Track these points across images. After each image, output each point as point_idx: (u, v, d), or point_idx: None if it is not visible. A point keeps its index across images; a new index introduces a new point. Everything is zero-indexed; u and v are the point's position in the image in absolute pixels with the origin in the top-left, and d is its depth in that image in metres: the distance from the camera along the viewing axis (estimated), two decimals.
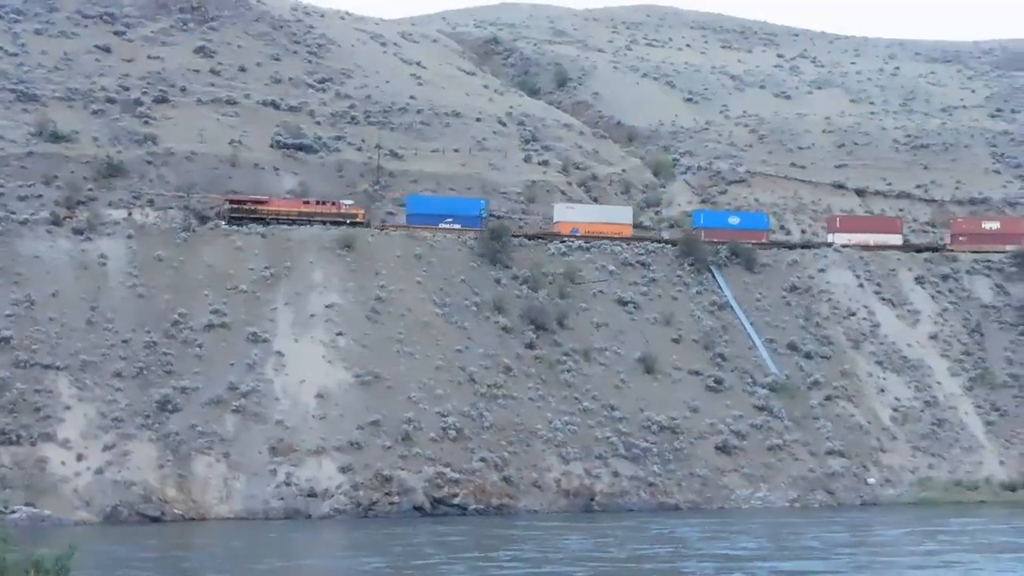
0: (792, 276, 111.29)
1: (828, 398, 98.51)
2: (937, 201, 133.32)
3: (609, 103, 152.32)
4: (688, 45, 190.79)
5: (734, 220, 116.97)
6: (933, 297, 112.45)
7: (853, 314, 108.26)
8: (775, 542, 67.84)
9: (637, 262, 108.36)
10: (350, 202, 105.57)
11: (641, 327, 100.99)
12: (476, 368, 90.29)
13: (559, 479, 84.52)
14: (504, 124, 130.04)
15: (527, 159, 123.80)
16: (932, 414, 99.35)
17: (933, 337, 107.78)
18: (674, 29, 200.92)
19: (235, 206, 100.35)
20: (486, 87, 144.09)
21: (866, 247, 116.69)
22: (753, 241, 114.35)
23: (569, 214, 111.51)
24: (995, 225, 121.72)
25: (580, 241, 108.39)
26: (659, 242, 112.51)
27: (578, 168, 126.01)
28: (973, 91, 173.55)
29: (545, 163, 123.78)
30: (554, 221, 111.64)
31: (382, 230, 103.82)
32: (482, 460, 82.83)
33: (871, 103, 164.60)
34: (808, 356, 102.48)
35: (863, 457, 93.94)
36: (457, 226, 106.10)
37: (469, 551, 61.06)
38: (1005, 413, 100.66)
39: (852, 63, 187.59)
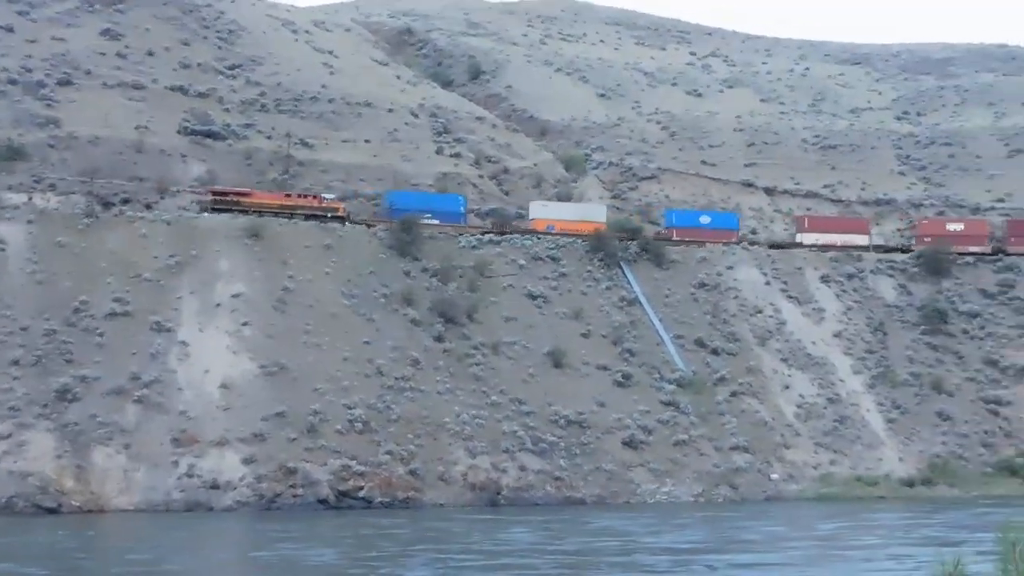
0: (701, 273, 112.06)
1: (734, 394, 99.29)
2: (843, 201, 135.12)
3: (522, 97, 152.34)
4: (602, 41, 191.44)
5: (705, 219, 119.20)
6: (838, 296, 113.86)
7: (760, 311, 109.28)
8: (716, 535, 68.25)
9: (547, 256, 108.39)
10: (331, 196, 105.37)
11: (550, 321, 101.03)
12: (384, 360, 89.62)
13: (466, 473, 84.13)
14: (416, 116, 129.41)
15: (439, 151, 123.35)
16: (835, 411, 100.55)
17: (837, 335, 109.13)
18: (588, 24, 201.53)
19: (218, 198, 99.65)
20: (399, 78, 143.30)
21: (834, 247, 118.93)
22: (724, 240, 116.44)
23: (545, 211, 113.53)
24: (959, 227, 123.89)
25: (491, 235, 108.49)
26: (573, 236, 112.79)
27: (490, 161, 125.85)
28: (880, 93, 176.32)
29: (457, 155, 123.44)
30: (530, 218, 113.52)
31: (369, 227, 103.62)
32: (388, 453, 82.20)
33: (781, 103, 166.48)
34: (715, 352, 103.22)
35: (767, 453, 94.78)
36: (436, 222, 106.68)
37: (415, 544, 60.50)
38: (905, 411, 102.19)
39: (763, 63, 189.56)
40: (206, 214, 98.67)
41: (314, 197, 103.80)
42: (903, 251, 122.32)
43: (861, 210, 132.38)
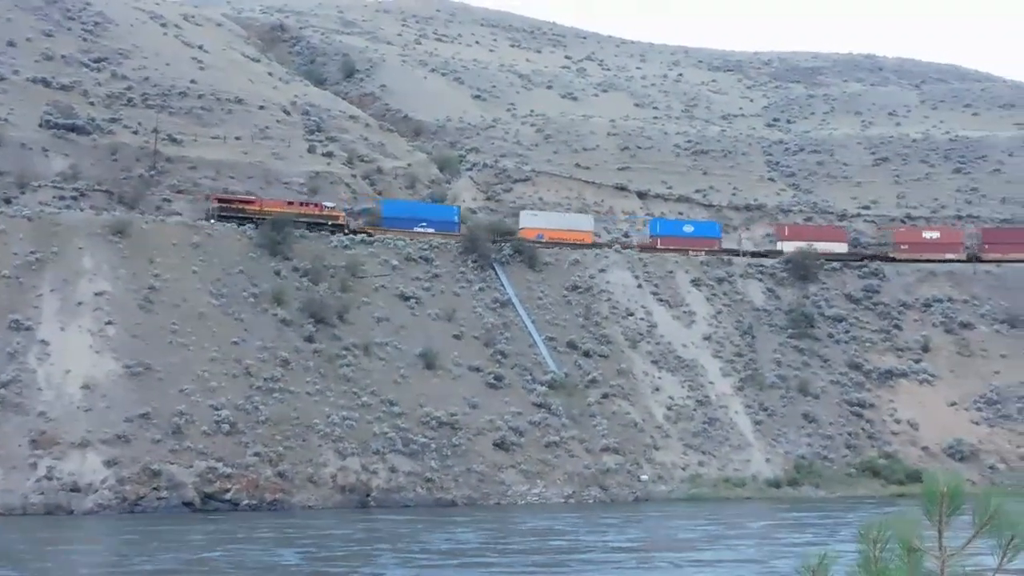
0: (573, 275, 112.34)
1: (605, 396, 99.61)
2: (715, 206, 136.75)
3: (396, 96, 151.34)
4: (477, 42, 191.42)
5: (688, 228, 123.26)
6: (708, 299, 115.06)
7: (631, 314, 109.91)
8: (650, 534, 68.46)
9: (420, 257, 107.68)
10: (331, 204, 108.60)
11: (422, 322, 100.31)
12: (252, 361, 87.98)
13: (335, 474, 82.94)
14: (288, 113, 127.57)
15: (311, 149, 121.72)
16: (704, 413, 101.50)
17: (707, 338, 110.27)
18: (464, 25, 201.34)
19: (223, 204, 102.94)
20: (271, 74, 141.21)
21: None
22: (706, 248, 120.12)
23: (534, 221, 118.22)
24: (935, 235, 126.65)
25: (363, 235, 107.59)
26: (447, 238, 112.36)
27: (363, 160, 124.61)
28: (752, 100, 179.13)
29: (330, 154, 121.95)
30: (520, 227, 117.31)
31: (357, 234, 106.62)
32: (256, 455, 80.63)
33: (655, 108, 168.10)
34: (587, 354, 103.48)
35: (637, 454, 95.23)
36: (431, 231, 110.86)
37: (365, 544, 59.51)
38: (772, 413, 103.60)
39: (638, 68, 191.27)
40: (212, 221, 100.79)
41: (315, 205, 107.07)
42: (878, 258, 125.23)
43: (732, 215, 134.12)
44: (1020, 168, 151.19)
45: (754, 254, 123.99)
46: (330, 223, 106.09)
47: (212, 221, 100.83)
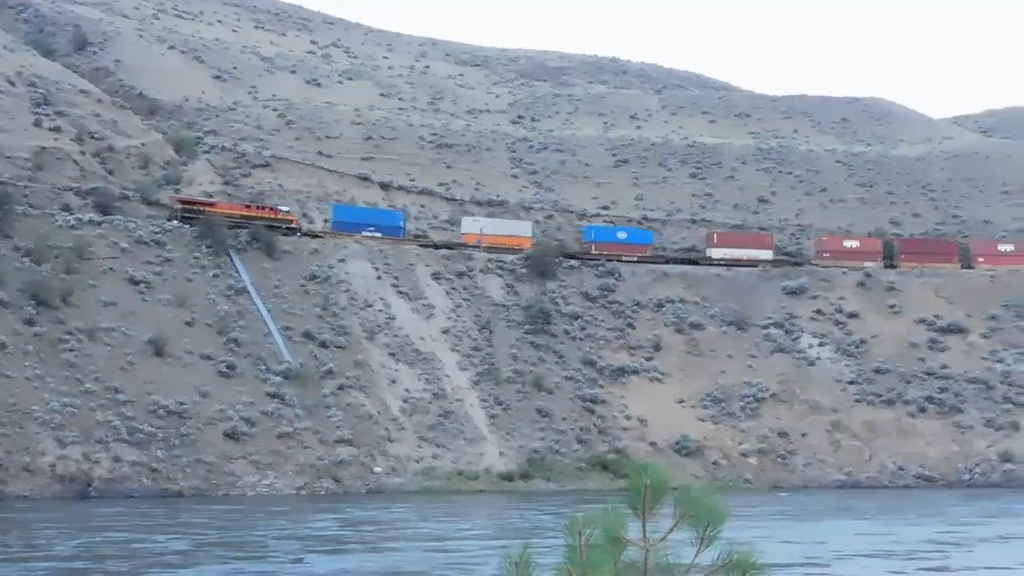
0: (312, 265, 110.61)
1: (341, 387, 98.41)
2: (458, 200, 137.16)
3: (131, 72, 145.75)
4: (220, 21, 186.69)
5: (622, 235, 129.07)
6: (448, 293, 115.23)
7: (370, 306, 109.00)
8: (492, 522, 68.72)
9: (152, 241, 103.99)
10: (286, 208, 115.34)
11: (153, 308, 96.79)
12: None
13: (54, 463, 79.11)
14: (13, 84, 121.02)
15: (37, 123, 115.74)
16: (440, 406, 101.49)
17: (445, 332, 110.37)
18: (206, 3, 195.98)
19: (186, 206, 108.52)
20: None
21: (739, 261, 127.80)
22: (637, 255, 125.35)
23: (475, 226, 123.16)
24: (855, 243, 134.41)
25: (92, 214, 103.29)
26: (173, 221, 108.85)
27: (94, 138, 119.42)
28: (497, 96, 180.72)
29: (57, 129, 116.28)
30: (461, 232, 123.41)
31: (301, 235, 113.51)
32: None
33: (400, 99, 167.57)
34: (323, 345, 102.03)
35: (371, 446, 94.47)
36: (379, 235, 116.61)
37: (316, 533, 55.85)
38: (507, 407, 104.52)
39: (384, 57, 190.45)
40: (175, 222, 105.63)
41: (271, 209, 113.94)
42: (798, 264, 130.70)
43: (474, 210, 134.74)
44: (752, 176, 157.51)
45: (494, 250, 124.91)
46: (284, 227, 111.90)
47: (175, 222, 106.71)
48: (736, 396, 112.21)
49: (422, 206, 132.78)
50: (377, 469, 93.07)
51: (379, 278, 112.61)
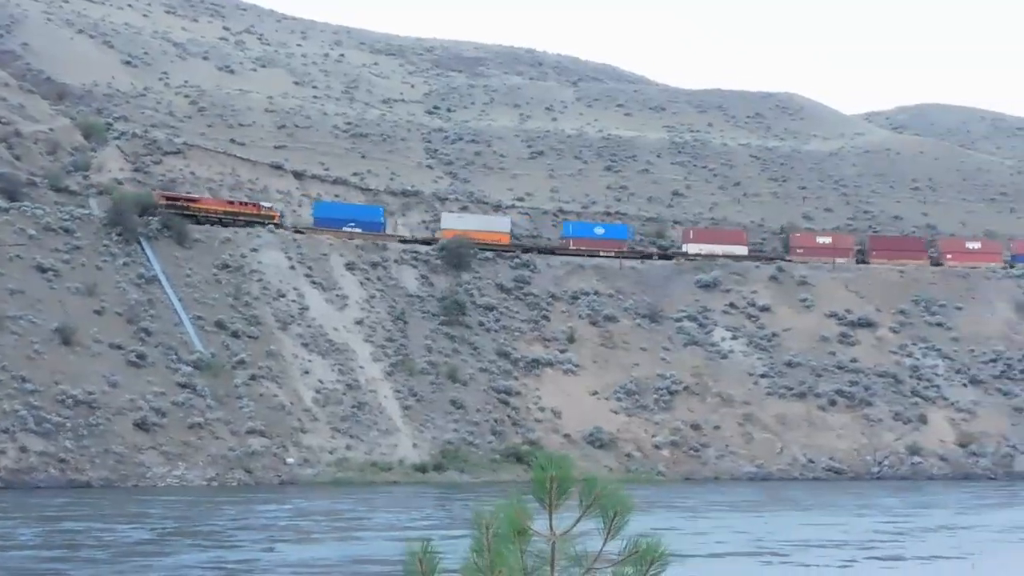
0: (224, 254, 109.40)
1: (253, 378, 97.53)
2: (372, 190, 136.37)
3: (39, 56, 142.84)
4: (130, 5, 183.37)
5: (600, 231, 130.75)
6: (362, 284, 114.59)
7: (283, 295, 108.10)
8: (442, 513, 69.54)
9: (60, 228, 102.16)
10: (269, 204, 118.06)
11: (61, 296, 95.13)
12: None
13: None
14: None
15: None
16: (353, 397, 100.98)
17: (359, 322, 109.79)
18: None
19: (170, 202, 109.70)
20: None
21: (715, 256, 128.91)
22: (615, 251, 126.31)
23: (456, 222, 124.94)
24: (827, 240, 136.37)
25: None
26: (84, 209, 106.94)
27: (0, 122, 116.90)
28: (413, 86, 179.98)
29: None
30: (441, 228, 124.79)
31: (282, 229, 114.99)
32: None
33: (314, 87, 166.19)
34: (235, 335, 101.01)
35: (284, 437, 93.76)
36: (359, 230, 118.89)
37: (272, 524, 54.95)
38: (421, 398, 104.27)
39: (298, 45, 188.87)
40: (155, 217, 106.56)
41: (254, 205, 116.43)
42: (776, 259, 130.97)
43: (388, 200, 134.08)
44: (666, 169, 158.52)
45: (411, 240, 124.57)
46: (267, 222, 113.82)
47: (158, 218, 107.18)
48: (649, 389, 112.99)
49: (336, 196, 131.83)
50: (290, 460, 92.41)
51: (292, 268, 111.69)
